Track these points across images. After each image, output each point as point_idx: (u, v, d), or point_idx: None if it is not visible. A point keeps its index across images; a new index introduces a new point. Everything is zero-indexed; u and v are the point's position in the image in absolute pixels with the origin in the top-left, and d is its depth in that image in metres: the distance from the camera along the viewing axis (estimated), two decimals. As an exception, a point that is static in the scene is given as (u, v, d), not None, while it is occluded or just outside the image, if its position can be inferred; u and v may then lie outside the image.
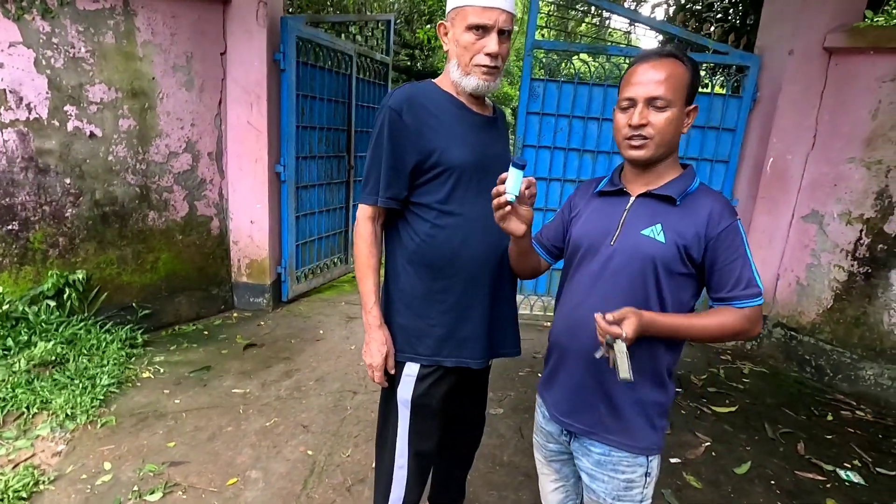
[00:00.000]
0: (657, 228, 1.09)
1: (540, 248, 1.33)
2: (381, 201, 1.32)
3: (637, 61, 1.10)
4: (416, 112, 1.29)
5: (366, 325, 1.39)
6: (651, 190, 1.12)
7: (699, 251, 1.08)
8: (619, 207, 1.16)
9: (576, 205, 1.28)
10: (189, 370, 2.85)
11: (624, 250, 1.11)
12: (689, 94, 1.09)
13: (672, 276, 1.09)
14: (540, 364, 3.29)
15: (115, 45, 2.81)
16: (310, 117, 3.88)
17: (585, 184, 1.32)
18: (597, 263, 1.14)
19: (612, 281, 1.12)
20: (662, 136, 1.07)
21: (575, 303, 1.17)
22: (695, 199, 1.10)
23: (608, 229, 1.15)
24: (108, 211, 2.95)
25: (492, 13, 1.24)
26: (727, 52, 3.54)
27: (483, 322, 1.38)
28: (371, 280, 1.37)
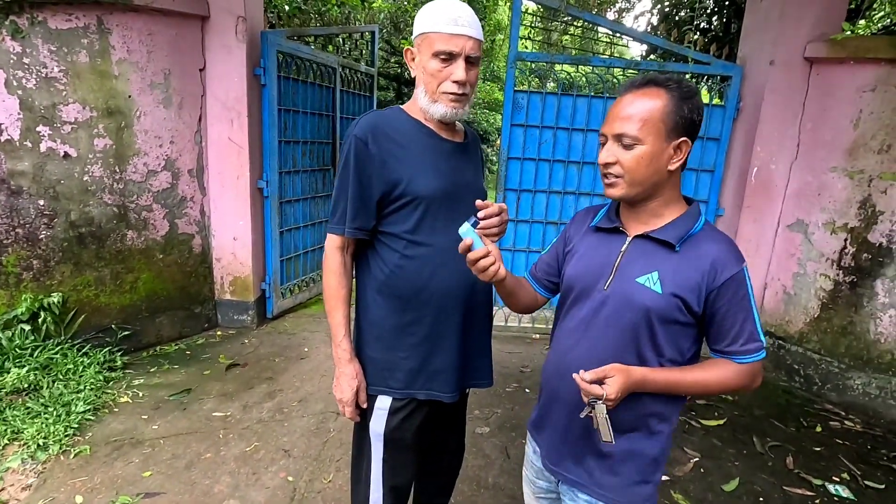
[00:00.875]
0: (653, 277, 1.01)
1: (535, 283, 1.27)
2: (349, 231, 1.29)
3: (619, 92, 1.04)
4: (381, 141, 1.25)
5: (336, 358, 1.35)
6: (648, 232, 1.05)
7: (699, 303, 1.00)
8: (614, 248, 1.08)
9: (570, 238, 1.21)
10: (169, 393, 2.79)
11: (616, 297, 1.03)
12: (674, 127, 0.99)
13: (669, 325, 1.01)
14: (528, 379, 3.25)
15: (90, 64, 2.76)
16: (293, 131, 3.84)
17: (582, 214, 1.23)
18: (588, 308, 1.07)
19: (602, 329, 1.05)
20: (633, 175, 1.00)
21: (565, 348, 1.11)
22: (697, 245, 1.02)
23: (601, 272, 1.07)
24: (85, 232, 2.89)
25: (458, 40, 1.22)
26: (709, 63, 3.54)
27: (455, 354, 1.34)
28: (340, 312, 1.34)
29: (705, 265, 0.99)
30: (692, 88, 1.01)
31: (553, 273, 1.25)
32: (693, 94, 1.01)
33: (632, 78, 1.06)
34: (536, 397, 1.25)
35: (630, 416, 1.05)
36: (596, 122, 3.63)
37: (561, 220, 3.77)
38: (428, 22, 1.23)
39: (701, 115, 1.02)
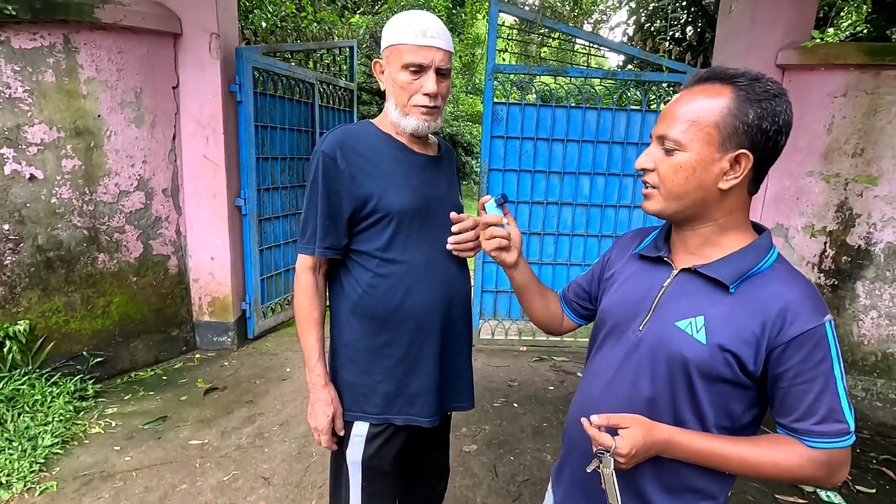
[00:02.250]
0: (697, 322, 0.83)
1: (565, 304, 1.16)
2: (319, 251, 1.24)
3: (682, 86, 0.88)
4: (349, 156, 1.21)
5: (309, 384, 1.29)
6: (696, 266, 0.86)
7: (756, 361, 0.80)
8: (656, 281, 0.91)
9: (611, 263, 1.05)
10: (143, 421, 2.68)
11: (650, 342, 0.87)
12: (731, 134, 0.79)
13: (714, 383, 0.83)
14: (516, 393, 3.20)
15: (56, 84, 2.69)
16: (271, 148, 3.79)
17: (629, 237, 1.06)
18: (620, 349, 0.92)
19: (633, 378, 0.89)
20: (668, 186, 0.84)
21: (590, 391, 0.98)
22: (762, 286, 0.82)
23: (639, 308, 0.91)
24: (53, 256, 2.79)
25: (427, 52, 1.18)
26: (685, 72, 3.58)
27: (433, 376, 1.29)
28: (313, 335, 1.28)
29: (769, 313, 0.79)
30: (771, 89, 0.79)
31: (585, 298, 1.13)
32: (770, 95, 0.79)
33: (698, 70, 0.89)
34: (524, 412, 1.18)
35: (658, 485, 0.88)
36: (575, 132, 3.64)
37: (544, 231, 3.76)
38: (396, 34, 1.20)
39: (779, 124, 0.79)
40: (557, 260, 3.81)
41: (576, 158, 3.67)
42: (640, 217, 3.77)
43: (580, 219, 3.76)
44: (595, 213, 3.76)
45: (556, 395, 3.20)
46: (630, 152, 3.67)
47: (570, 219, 3.76)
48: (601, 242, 3.80)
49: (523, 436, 2.73)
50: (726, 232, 0.87)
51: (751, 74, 0.81)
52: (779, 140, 0.81)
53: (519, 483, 2.35)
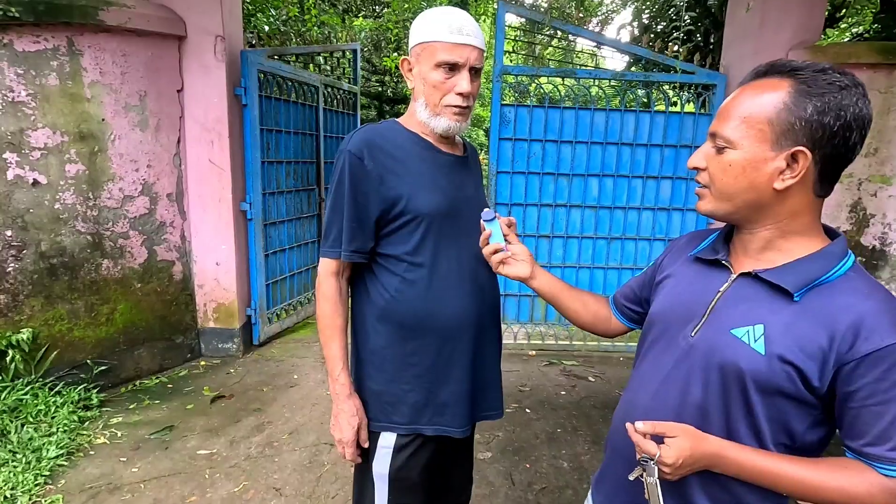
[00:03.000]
0: (756, 331, 0.78)
1: (614, 306, 1.13)
2: (346, 255, 1.19)
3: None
4: (377, 156, 1.17)
5: (333, 394, 1.24)
6: (757, 271, 0.81)
7: (822, 377, 0.74)
8: (712, 285, 0.86)
9: (664, 267, 1.01)
10: (150, 431, 2.62)
11: (703, 350, 0.82)
12: (787, 131, 0.74)
13: (772, 397, 0.77)
14: (527, 398, 3.15)
15: (60, 87, 2.64)
16: (276, 152, 3.74)
17: (685, 239, 1.01)
18: (669, 356, 0.88)
19: (682, 386, 0.84)
20: (719, 186, 0.81)
21: (636, 396, 0.93)
22: (831, 295, 0.76)
23: (692, 313, 0.86)
24: (56, 263, 2.73)
25: (463, 50, 1.14)
26: (694, 72, 3.56)
27: (464, 385, 1.24)
28: (337, 343, 1.23)
29: (839, 326, 0.73)
30: (837, 81, 0.73)
31: (635, 301, 1.09)
32: (836, 87, 0.72)
33: (759, 65, 0.81)
34: (537, 418, 1.14)
35: (706, 497, 0.83)
36: (583, 133, 3.61)
37: (553, 233, 3.72)
38: (429, 30, 1.15)
39: (846, 119, 0.72)
40: (566, 263, 3.77)
41: (584, 160, 3.64)
42: (650, 218, 3.74)
43: (589, 221, 3.73)
44: (604, 216, 3.72)
45: (569, 399, 3.15)
46: (638, 153, 3.65)
47: (579, 221, 3.72)
48: (610, 245, 3.76)
49: (538, 442, 2.68)
50: (790, 236, 0.81)
51: (816, 66, 0.75)
52: (848, 136, 0.74)
53: (536, 491, 2.30)
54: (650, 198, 3.71)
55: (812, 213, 0.81)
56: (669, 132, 3.62)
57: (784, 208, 0.79)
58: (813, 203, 0.80)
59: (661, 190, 3.69)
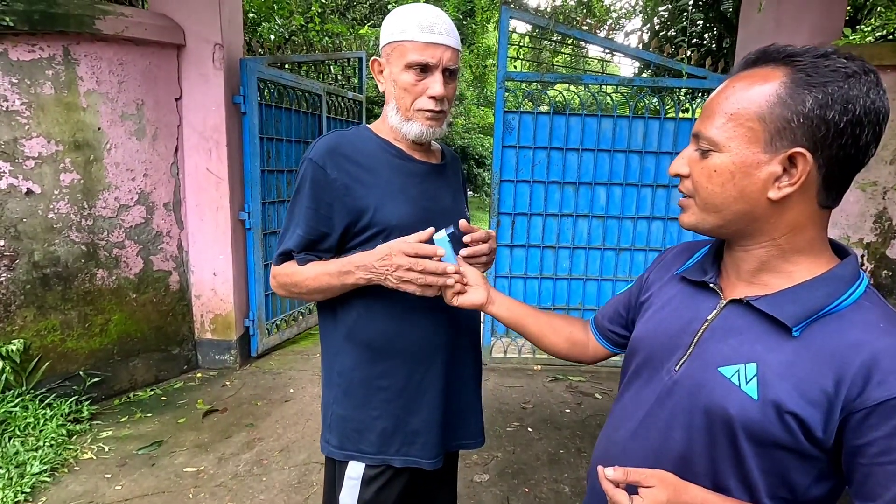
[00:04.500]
0: (748, 371, 0.67)
1: (596, 330, 1.01)
2: (300, 259, 1.10)
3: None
4: (342, 164, 1.08)
5: (346, 274, 1.03)
6: (749, 298, 0.70)
7: (828, 428, 0.62)
8: (699, 312, 0.75)
9: (649, 284, 0.90)
10: (138, 446, 2.55)
11: (687, 388, 0.72)
12: (782, 129, 0.62)
13: (767, 448, 0.66)
14: (530, 416, 3.02)
15: (55, 96, 2.62)
16: (276, 160, 3.70)
17: (673, 253, 0.91)
18: (651, 391, 0.78)
19: (664, 428, 0.74)
20: (704, 196, 0.69)
21: (615, 432, 0.83)
22: (839, 329, 0.64)
23: (677, 343, 0.76)
24: (50, 273, 2.70)
25: (435, 50, 1.05)
26: (705, 77, 3.42)
27: (436, 412, 1.14)
28: (313, 269, 1.07)
29: (848, 367, 0.61)
30: (843, 68, 0.61)
31: (620, 323, 0.97)
32: (841, 76, 0.61)
33: (748, 53, 0.70)
34: (539, 437, 1.03)
35: None
36: (590, 141, 3.49)
37: (559, 244, 3.59)
38: (398, 28, 1.07)
39: (855, 113, 0.60)
40: (573, 274, 3.64)
41: (591, 168, 3.52)
42: (660, 228, 3.59)
43: (596, 231, 3.59)
44: (612, 226, 3.59)
45: (573, 418, 3.01)
46: (648, 161, 3.51)
47: (586, 231, 3.59)
48: (618, 256, 3.62)
49: (538, 464, 2.54)
50: (790, 256, 0.69)
51: (816, 51, 0.63)
52: (857, 134, 0.62)
53: (534, 519, 2.17)
54: (660, 207, 3.56)
55: (816, 227, 0.69)
56: (681, 139, 3.48)
57: (782, 222, 0.67)
58: (817, 215, 0.68)
59: (671, 199, 3.55)
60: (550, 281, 3.64)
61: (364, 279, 1.03)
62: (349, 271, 1.03)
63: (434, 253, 0.97)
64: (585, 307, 3.68)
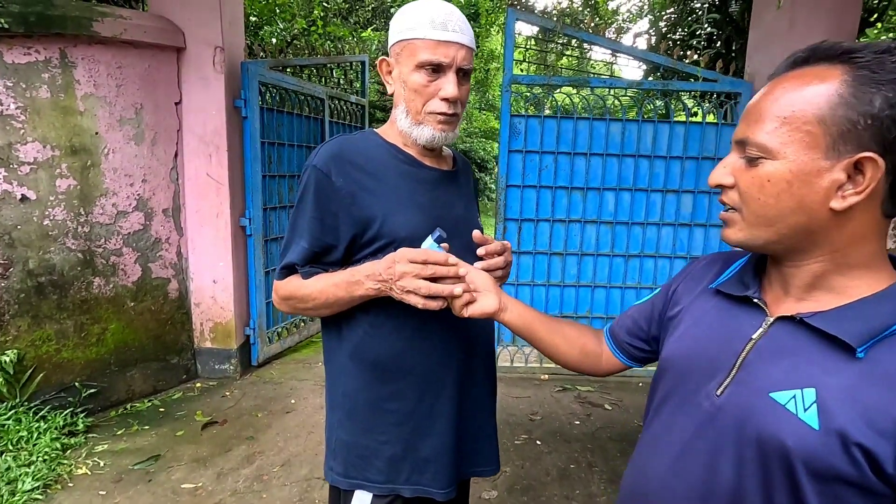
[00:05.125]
0: (805, 397, 0.60)
1: (612, 342, 0.94)
2: (304, 273, 1.02)
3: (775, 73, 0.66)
4: (347, 171, 1.00)
5: (355, 285, 0.96)
6: (803, 315, 0.63)
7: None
8: (742, 329, 0.68)
9: (678, 297, 0.82)
10: (134, 461, 2.47)
11: (733, 417, 0.65)
12: (846, 133, 0.57)
13: (829, 484, 0.59)
14: (539, 428, 2.93)
15: (51, 100, 2.56)
16: (278, 165, 3.63)
17: (703, 264, 0.83)
18: (689, 419, 0.70)
19: (707, 463, 0.67)
20: (755, 209, 0.63)
21: (648, 469, 0.75)
22: None
23: (717, 365, 0.69)
24: (45, 281, 2.63)
25: (448, 48, 0.98)
26: (716, 80, 3.35)
27: (448, 437, 1.05)
28: (320, 281, 1.00)
29: None
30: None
31: (641, 337, 0.89)
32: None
33: (795, 51, 0.64)
34: (549, 451, 0.95)
35: None
36: (598, 145, 3.41)
37: (566, 251, 3.51)
38: (409, 25, 0.99)
39: None
40: (581, 282, 3.56)
41: (599, 173, 3.44)
42: (670, 234, 3.51)
43: (605, 237, 3.51)
44: (621, 232, 3.51)
45: (583, 430, 2.92)
46: (657, 166, 3.43)
47: (594, 237, 3.51)
48: (627, 263, 3.54)
49: (549, 480, 2.45)
50: (849, 270, 0.63)
51: (877, 46, 0.58)
52: None
53: (546, 539, 2.08)
54: (670, 213, 3.48)
55: (878, 239, 0.62)
56: (690, 144, 3.41)
57: (842, 234, 0.61)
58: (880, 226, 0.62)
59: (681, 204, 3.47)
60: (558, 288, 3.56)
61: (374, 290, 0.95)
62: (358, 281, 0.95)
63: (445, 260, 0.89)
64: (594, 315, 3.59)
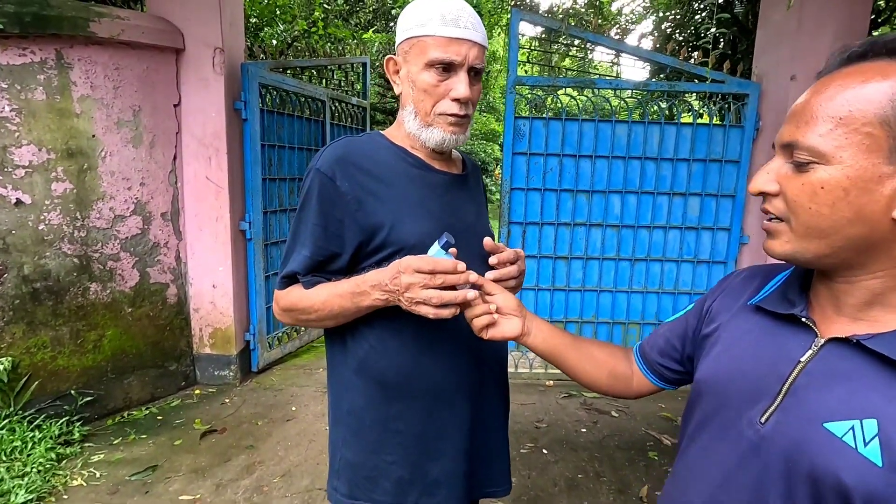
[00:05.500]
0: (865, 429, 0.54)
1: (642, 362, 0.88)
2: (306, 282, 0.97)
3: (823, 71, 0.60)
4: (353, 176, 0.95)
5: (361, 295, 0.90)
6: (860, 337, 0.58)
7: None
8: (788, 350, 0.63)
9: (714, 313, 0.76)
10: (131, 472, 2.41)
11: (782, 448, 0.59)
12: None
13: None
14: (545, 436, 2.86)
15: (47, 102, 2.50)
16: (278, 168, 3.58)
17: (741, 278, 0.77)
18: (730, 447, 0.64)
19: (753, 500, 0.61)
20: (806, 219, 0.58)
21: (684, 498, 0.71)
22: None
23: (760, 389, 0.63)
24: (40, 287, 2.57)
25: (460, 46, 0.93)
26: (724, 81, 3.30)
27: (460, 460, 1.00)
28: (324, 291, 0.94)
29: None
30: None
31: (674, 357, 0.83)
32: None
33: (845, 45, 0.59)
34: (555, 460, 0.89)
35: None
36: (604, 147, 3.36)
37: (572, 255, 3.46)
38: (418, 22, 0.94)
39: None
40: (586, 286, 3.50)
41: (605, 176, 3.38)
42: (676, 238, 3.45)
43: (611, 241, 3.46)
44: (627, 235, 3.45)
45: (590, 438, 2.86)
46: (664, 168, 3.38)
47: (600, 241, 3.45)
48: (634, 267, 3.48)
49: (556, 491, 2.39)
50: None
51: None
52: None
53: (555, 553, 2.02)
54: (677, 216, 3.43)
55: None
56: (698, 146, 3.35)
57: (886, 245, 0.56)
58: None
59: (688, 207, 3.41)
60: (563, 293, 3.50)
61: (381, 300, 0.89)
62: (364, 292, 0.89)
63: (454, 268, 0.83)
64: (600, 320, 3.53)
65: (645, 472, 2.54)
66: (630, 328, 3.55)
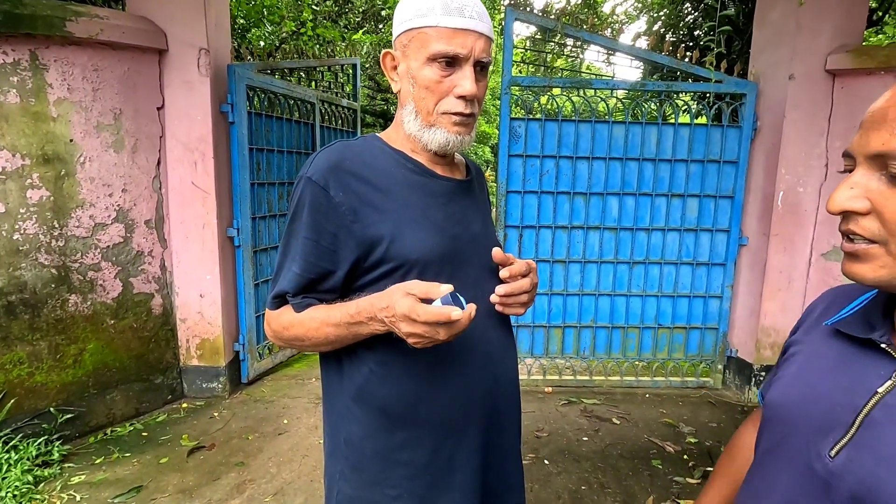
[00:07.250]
0: None
1: None
2: (297, 305, 0.88)
3: None
4: (349, 184, 0.86)
5: (357, 325, 0.81)
6: None
7: None
8: (866, 379, 0.56)
9: (796, 338, 0.70)
10: (115, 493, 2.29)
11: (851, 487, 0.53)
12: None
13: None
14: (546, 446, 2.78)
15: (21, 105, 2.38)
16: (267, 172, 3.47)
17: (826, 302, 0.70)
18: (796, 481, 0.59)
19: None
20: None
21: None
22: None
23: (832, 418, 0.57)
24: (15, 300, 2.44)
25: (466, 38, 0.84)
26: (721, 80, 3.25)
27: (471, 491, 0.91)
28: (319, 313, 0.85)
29: None
30: None
31: None
32: None
33: None
34: (558, 471, 0.81)
35: None
36: (601, 148, 3.30)
37: (569, 258, 3.38)
38: (419, 12, 0.85)
39: None
40: (584, 290, 3.43)
41: (602, 177, 3.32)
42: (675, 240, 3.40)
43: (608, 244, 3.39)
44: (625, 238, 3.39)
45: (592, 448, 2.78)
46: (662, 170, 3.32)
47: (598, 244, 3.39)
48: (632, 270, 3.42)
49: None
50: None
51: None
52: None
53: (561, 572, 1.93)
54: (675, 217, 3.37)
55: None
56: (696, 146, 3.30)
57: None
58: None
59: (687, 209, 3.36)
60: (561, 297, 3.43)
61: (381, 329, 0.80)
62: (360, 322, 0.81)
63: (448, 318, 0.72)
64: (598, 324, 3.47)
65: (650, 481, 2.47)
66: (629, 332, 3.49)
